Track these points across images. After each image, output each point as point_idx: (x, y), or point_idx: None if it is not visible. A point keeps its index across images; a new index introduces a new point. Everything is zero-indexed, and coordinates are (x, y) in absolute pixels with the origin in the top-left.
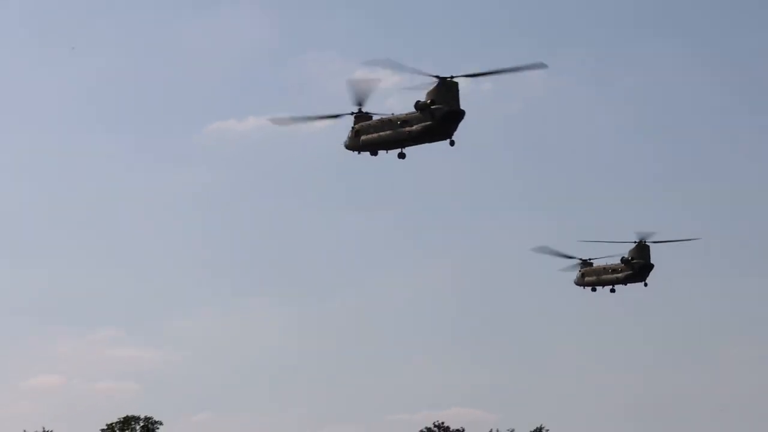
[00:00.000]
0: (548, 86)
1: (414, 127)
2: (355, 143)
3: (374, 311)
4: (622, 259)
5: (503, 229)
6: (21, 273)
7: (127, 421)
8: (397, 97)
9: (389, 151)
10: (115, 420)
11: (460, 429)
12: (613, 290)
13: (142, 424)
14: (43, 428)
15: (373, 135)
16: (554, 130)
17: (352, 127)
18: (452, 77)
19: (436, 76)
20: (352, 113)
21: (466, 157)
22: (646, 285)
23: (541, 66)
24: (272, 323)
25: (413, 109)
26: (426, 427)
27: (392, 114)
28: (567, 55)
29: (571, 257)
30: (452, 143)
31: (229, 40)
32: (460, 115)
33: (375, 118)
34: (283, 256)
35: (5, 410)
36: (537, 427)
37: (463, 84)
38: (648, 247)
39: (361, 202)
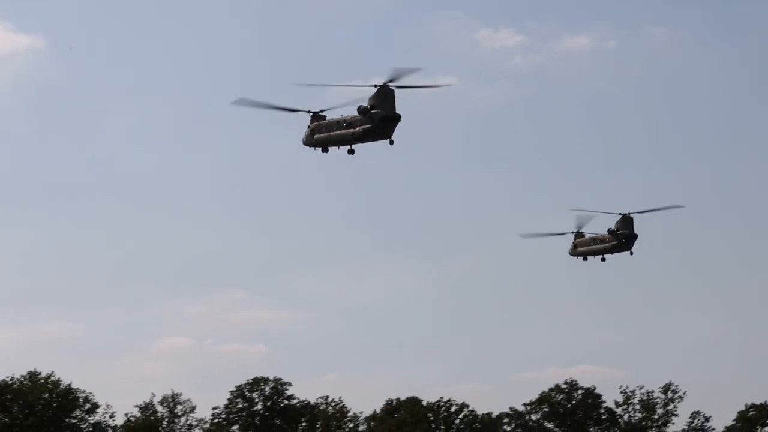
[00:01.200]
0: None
1: (357, 129)
2: (310, 140)
3: (504, 270)
4: (609, 230)
5: (632, 190)
6: (151, 238)
7: (256, 383)
8: (519, 56)
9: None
10: (244, 382)
11: (591, 387)
12: (603, 259)
13: (271, 386)
14: (172, 390)
15: (324, 134)
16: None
17: (308, 126)
18: (388, 84)
19: (375, 85)
20: (309, 112)
21: (590, 116)
22: (632, 254)
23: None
24: (399, 283)
25: (357, 113)
26: (556, 384)
27: (341, 116)
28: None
29: None
30: (391, 143)
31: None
32: (396, 119)
33: (328, 118)
34: (413, 214)
35: (136, 372)
36: (666, 384)
37: (586, 42)
38: (632, 218)
39: (491, 157)
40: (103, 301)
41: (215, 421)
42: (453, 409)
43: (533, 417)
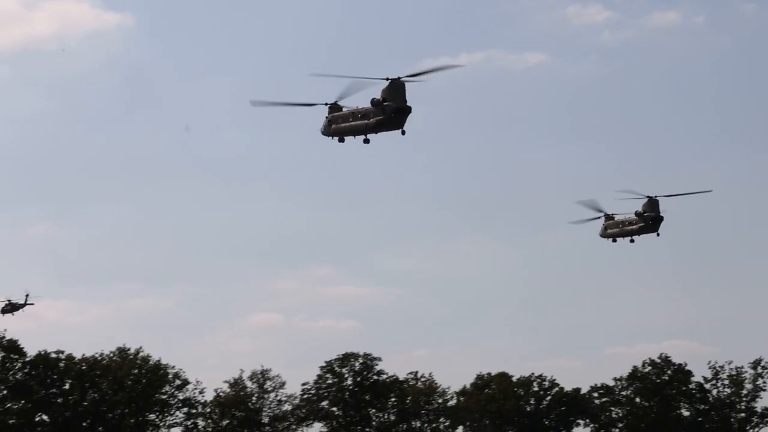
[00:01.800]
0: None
1: (370, 120)
2: (327, 130)
3: (590, 246)
4: (636, 213)
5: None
6: (241, 214)
7: (346, 358)
8: (608, 32)
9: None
10: (334, 357)
11: (683, 363)
12: (632, 240)
13: (360, 361)
14: (262, 366)
15: (340, 125)
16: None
17: (326, 117)
18: (399, 78)
19: (387, 78)
20: (326, 104)
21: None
22: (658, 235)
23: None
24: (489, 258)
25: (370, 105)
26: (650, 358)
27: (356, 107)
28: None
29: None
30: (403, 133)
31: None
32: (407, 111)
33: (344, 110)
34: (502, 190)
35: (226, 347)
36: (755, 359)
37: (674, 17)
38: (657, 201)
39: (579, 133)
40: (192, 276)
41: (305, 396)
42: (543, 384)
43: (623, 393)
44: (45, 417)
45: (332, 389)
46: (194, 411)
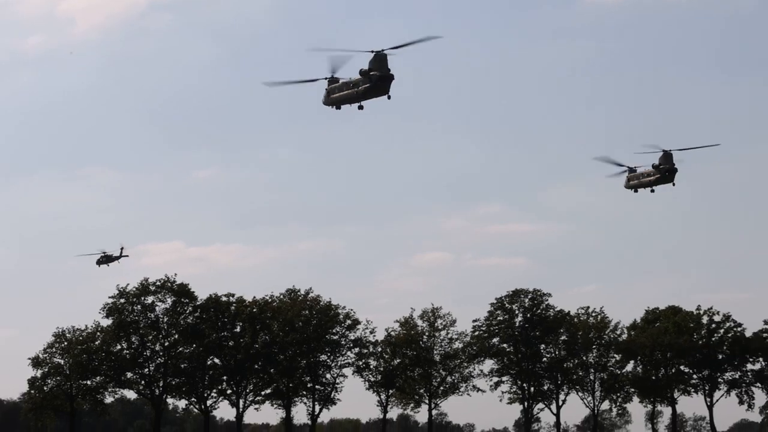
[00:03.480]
0: None
1: (359, 88)
2: (327, 100)
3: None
4: (653, 165)
5: None
6: (408, 154)
7: (516, 295)
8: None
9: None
10: (503, 294)
11: None
12: (652, 191)
13: (530, 297)
14: (432, 304)
15: (337, 94)
16: None
17: (326, 88)
18: (382, 50)
19: (371, 51)
20: (326, 78)
21: None
22: (674, 185)
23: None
24: (655, 194)
25: (359, 75)
26: None
27: (349, 78)
28: None
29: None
30: (389, 98)
31: None
32: (390, 78)
33: (340, 81)
34: (662, 122)
35: (397, 285)
36: None
37: None
38: (671, 154)
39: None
40: (361, 217)
41: (475, 334)
42: (715, 318)
43: None
44: (217, 360)
45: (502, 326)
46: (365, 351)
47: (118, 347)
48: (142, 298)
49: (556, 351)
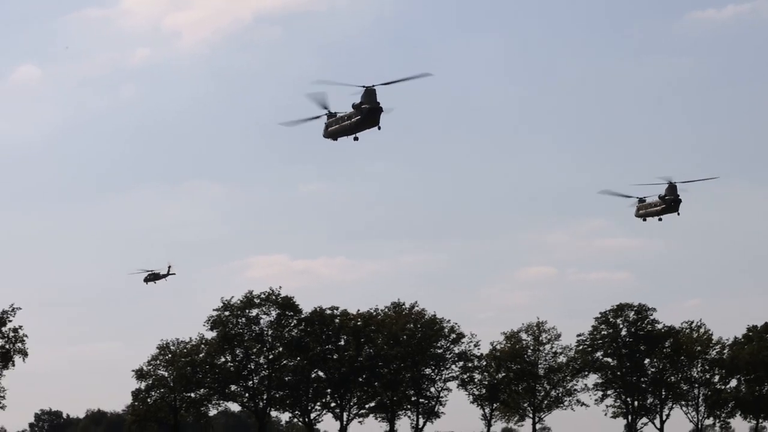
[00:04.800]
0: None
1: (352, 121)
2: (325, 133)
3: None
4: (659, 196)
5: None
6: (510, 168)
7: (620, 309)
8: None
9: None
10: (608, 308)
11: None
12: (660, 219)
13: (634, 311)
14: (537, 318)
15: (333, 127)
16: None
17: (324, 122)
18: (373, 86)
19: (363, 86)
20: (326, 114)
21: None
22: (678, 214)
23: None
24: (758, 205)
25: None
26: None
27: (345, 113)
28: None
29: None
30: (379, 128)
31: None
32: (379, 111)
33: (337, 116)
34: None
35: (500, 299)
36: None
37: None
38: (675, 185)
39: None
40: (464, 231)
41: (579, 348)
42: None
43: None
44: (321, 373)
45: (606, 340)
46: (470, 364)
47: (222, 360)
48: (247, 311)
49: (660, 365)
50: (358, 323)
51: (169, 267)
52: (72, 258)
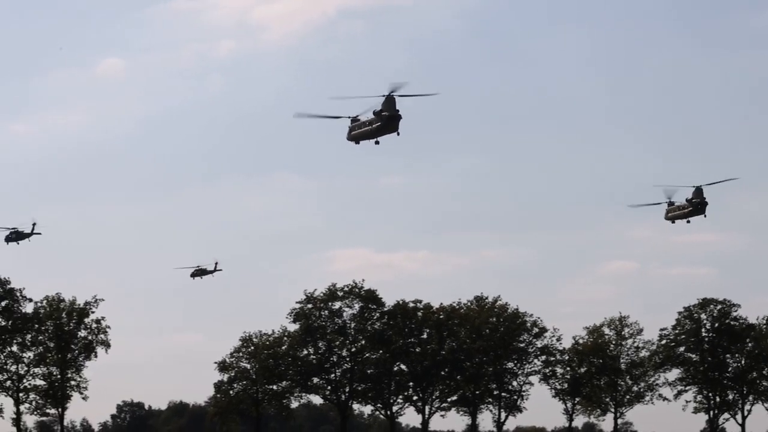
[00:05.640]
0: None
1: (373, 126)
2: (349, 136)
3: None
4: (686, 200)
5: None
6: (595, 162)
7: (705, 304)
8: None
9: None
10: (692, 303)
11: None
12: (688, 221)
13: (719, 307)
14: (620, 313)
15: (356, 132)
16: None
17: (348, 126)
18: (393, 93)
19: (383, 95)
20: (349, 117)
21: None
22: (705, 216)
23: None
24: None
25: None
26: None
27: (367, 118)
28: None
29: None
30: (398, 134)
31: None
32: (398, 118)
33: (360, 120)
34: None
35: (582, 293)
36: None
37: None
38: (701, 189)
39: None
40: (547, 226)
41: (662, 342)
42: None
43: None
44: (403, 366)
45: (689, 335)
46: (552, 359)
47: (305, 352)
48: (330, 304)
49: (742, 361)
50: (441, 317)
51: (216, 263)
52: (157, 250)
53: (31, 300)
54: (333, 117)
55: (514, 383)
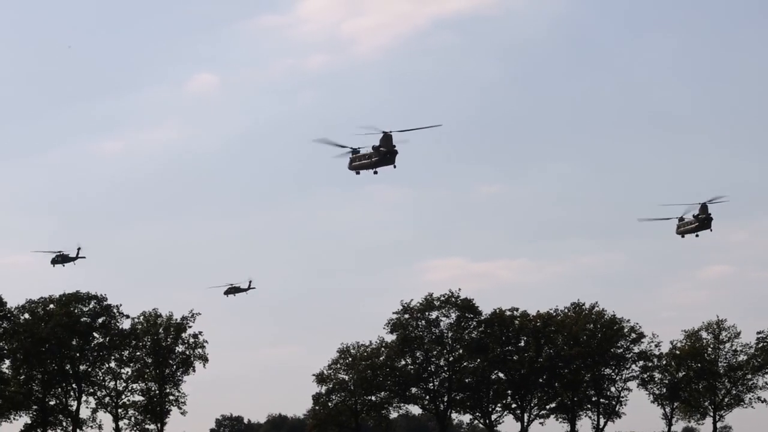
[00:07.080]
0: None
1: (371, 159)
2: (350, 166)
3: None
4: (693, 215)
5: None
6: (688, 165)
7: None
8: None
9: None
10: None
11: None
12: (697, 235)
13: None
14: (717, 316)
15: (356, 162)
16: None
17: (349, 157)
18: (390, 131)
19: (382, 131)
20: (351, 149)
21: None
22: (711, 230)
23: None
24: None
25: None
26: None
27: (367, 151)
28: None
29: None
30: (395, 167)
31: None
32: (394, 153)
33: (360, 153)
34: None
35: (679, 298)
36: None
37: None
38: (707, 205)
39: None
40: (643, 231)
41: (760, 345)
42: None
43: None
44: (501, 374)
45: None
46: (650, 364)
47: (403, 362)
48: (427, 314)
49: None
50: (538, 324)
51: (250, 282)
52: (254, 263)
53: (128, 316)
54: (342, 146)
55: (612, 389)
